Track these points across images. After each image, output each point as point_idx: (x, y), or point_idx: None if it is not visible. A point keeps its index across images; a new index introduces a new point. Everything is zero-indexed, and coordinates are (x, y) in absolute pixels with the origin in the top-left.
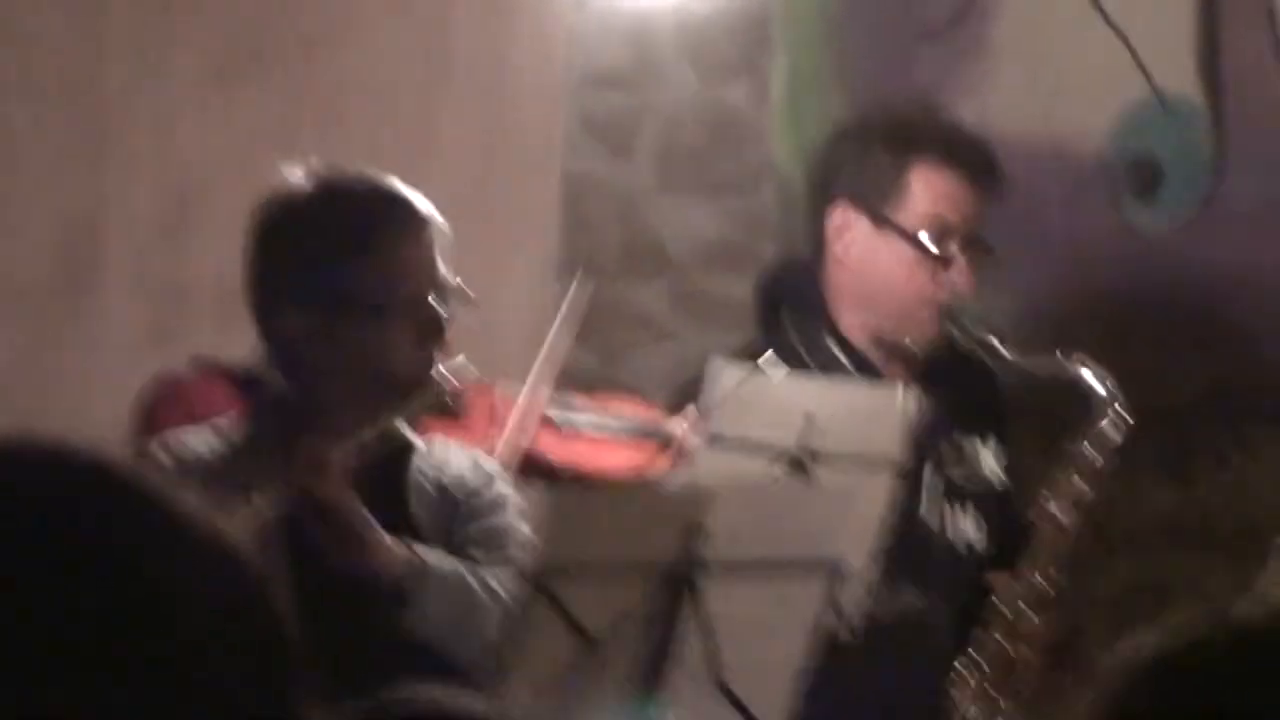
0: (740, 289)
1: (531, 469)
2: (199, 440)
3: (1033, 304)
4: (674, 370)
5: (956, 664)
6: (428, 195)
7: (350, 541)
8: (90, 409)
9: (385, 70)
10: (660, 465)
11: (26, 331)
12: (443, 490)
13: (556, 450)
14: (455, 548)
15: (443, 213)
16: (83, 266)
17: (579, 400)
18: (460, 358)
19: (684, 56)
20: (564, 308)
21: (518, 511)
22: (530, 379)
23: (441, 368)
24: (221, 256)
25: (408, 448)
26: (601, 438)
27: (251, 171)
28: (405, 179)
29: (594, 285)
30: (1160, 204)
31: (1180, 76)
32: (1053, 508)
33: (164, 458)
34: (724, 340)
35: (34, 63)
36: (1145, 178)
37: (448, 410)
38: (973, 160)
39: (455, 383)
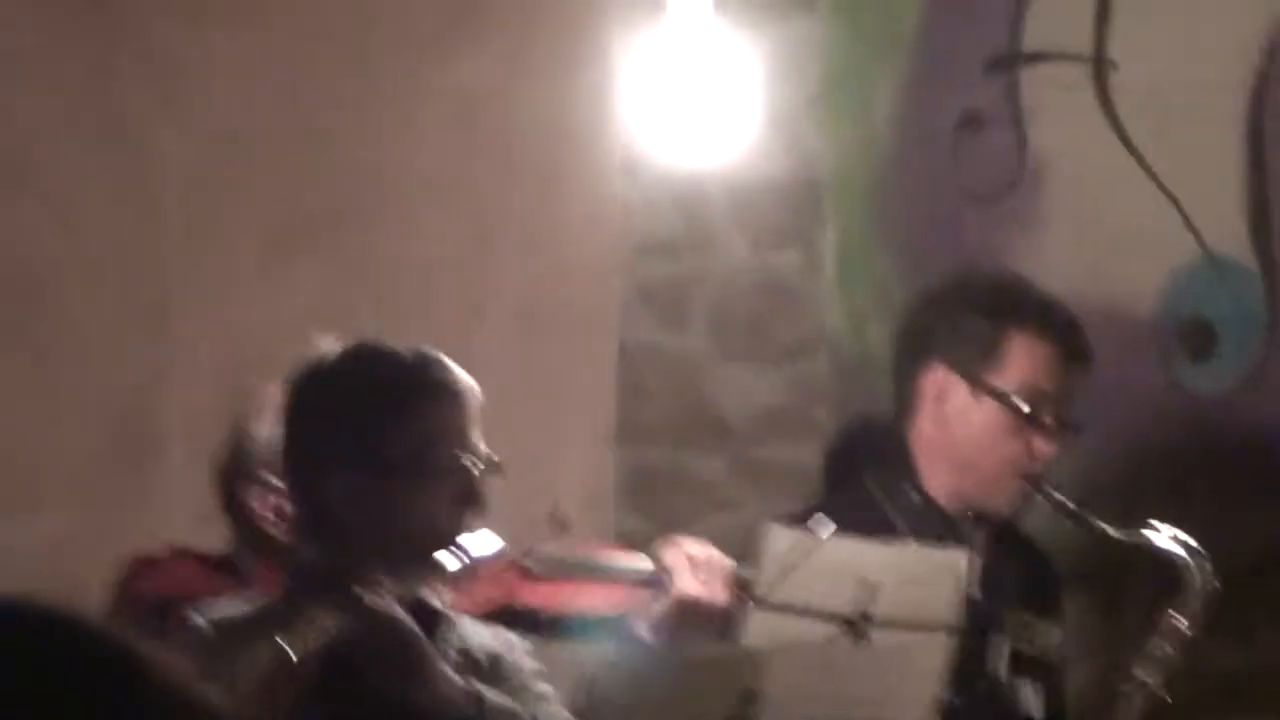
0: (797, 455)
1: (510, 616)
2: (230, 606)
3: (1089, 466)
4: (733, 538)
5: None
6: (481, 364)
7: (411, 665)
8: None
9: (438, 242)
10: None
11: (86, 505)
12: (467, 654)
13: (534, 596)
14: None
15: (496, 382)
16: (141, 440)
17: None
18: (483, 530)
19: (735, 225)
20: None
21: (537, 676)
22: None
23: (462, 539)
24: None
25: (436, 613)
26: (584, 581)
27: (307, 343)
28: (459, 348)
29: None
30: (1214, 364)
31: (1231, 237)
32: (1141, 674)
33: (203, 624)
34: (783, 507)
35: (89, 238)
36: (1198, 339)
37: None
38: (1066, 332)
39: (469, 556)
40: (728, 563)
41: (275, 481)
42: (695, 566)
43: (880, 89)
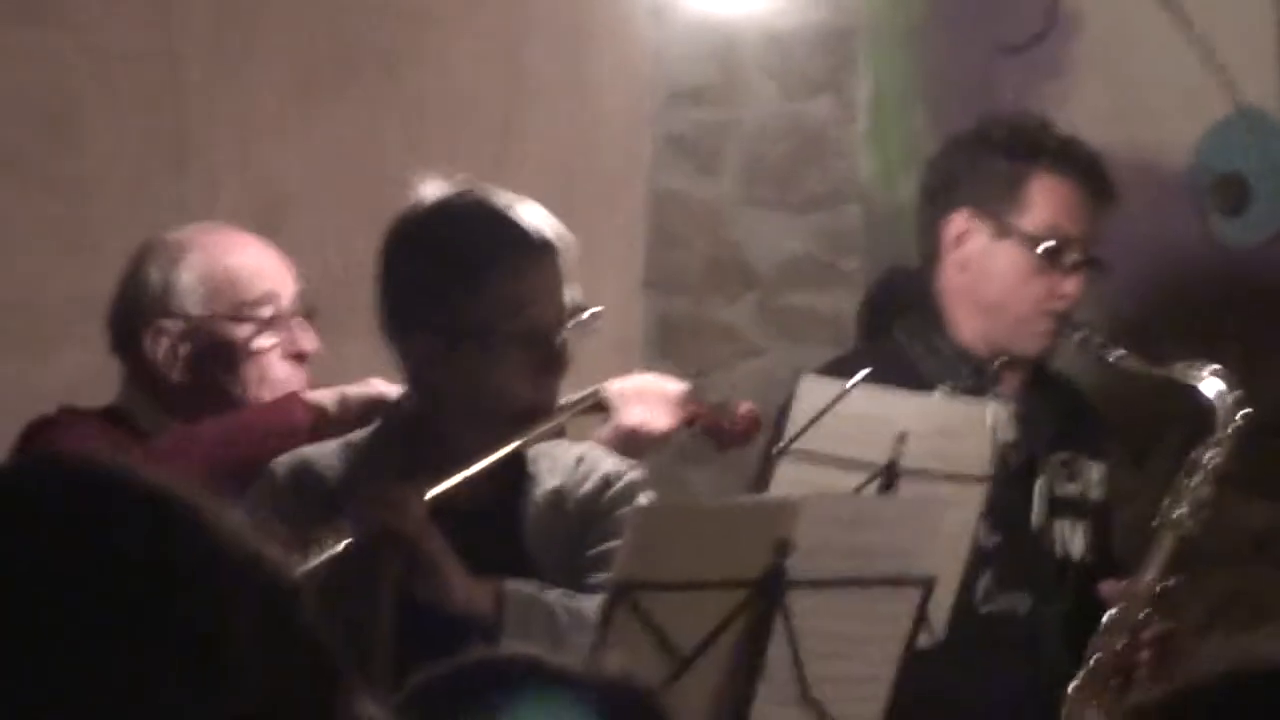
0: (826, 304)
1: None
2: (326, 457)
3: (1120, 317)
4: (760, 385)
5: (1075, 672)
6: None
7: (427, 577)
8: None
9: (466, 86)
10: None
11: (106, 344)
12: (571, 507)
13: None
14: (580, 571)
15: None
16: None
17: None
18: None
19: (769, 72)
20: None
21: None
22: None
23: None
24: (305, 269)
25: (529, 477)
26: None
27: (333, 185)
28: None
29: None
30: (1246, 218)
31: (1266, 91)
32: (1177, 513)
33: (286, 473)
34: (810, 355)
35: (114, 72)
36: (1231, 193)
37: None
38: (1089, 172)
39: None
40: (670, 389)
41: (169, 324)
42: (638, 397)
43: None
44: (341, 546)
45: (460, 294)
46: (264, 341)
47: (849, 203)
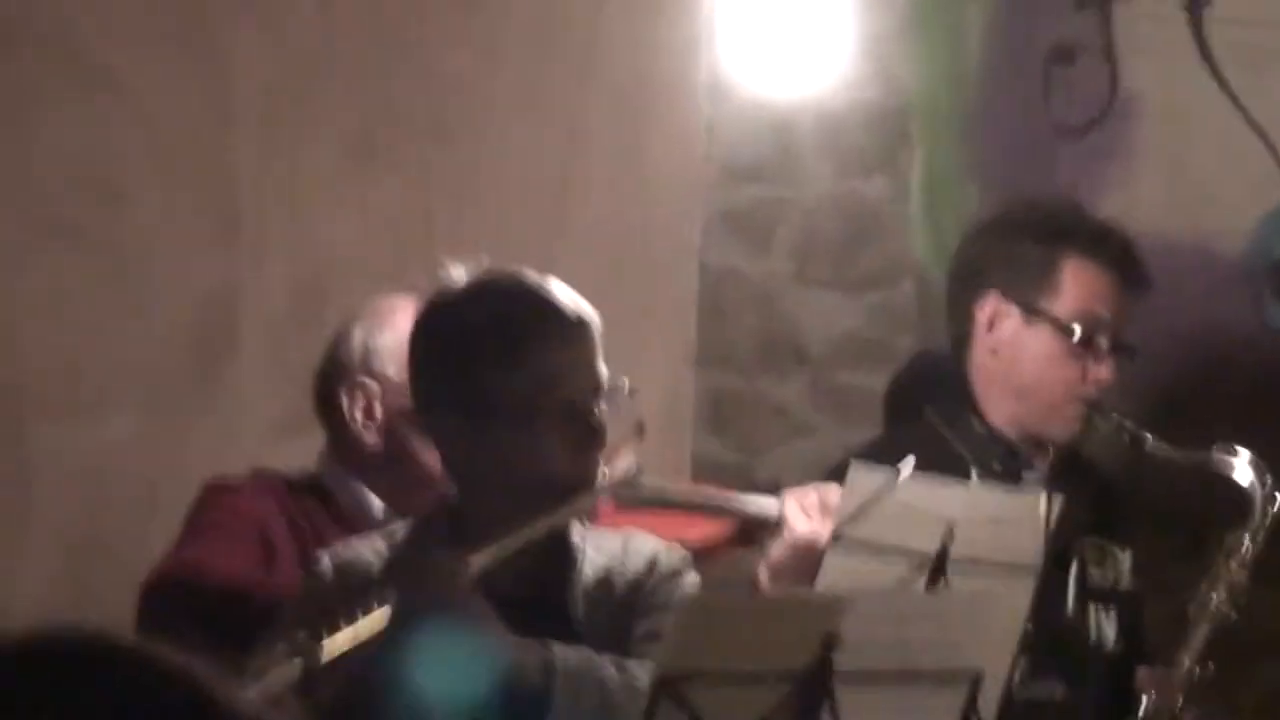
0: (878, 383)
1: None
2: (368, 549)
3: (1175, 404)
4: (812, 465)
5: None
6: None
7: (473, 643)
8: None
9: (520, 159)
10: (742, 544)
11: (158, 413)
12: (618, 588)
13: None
14: (631, 647)
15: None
16: (215, 349)
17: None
18: (630, 460)
19: (823, 151)
20: None
21: (666, 607)
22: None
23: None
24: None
25: (574, 558)
26: (677, 513)
27: (385, 255)
28: (540, 267)
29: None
30: None
31: None
32: (1213, 599)
33: (328, 568)
34: (862, 435)
35: (163, 142)
36: None
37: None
38: (1122, 258)
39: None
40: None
41: (369, 383)
42: (809, 509)
43: (971, 17)
44: (379, 614)
45: (493, 372)
46: None
47: (902, 282)
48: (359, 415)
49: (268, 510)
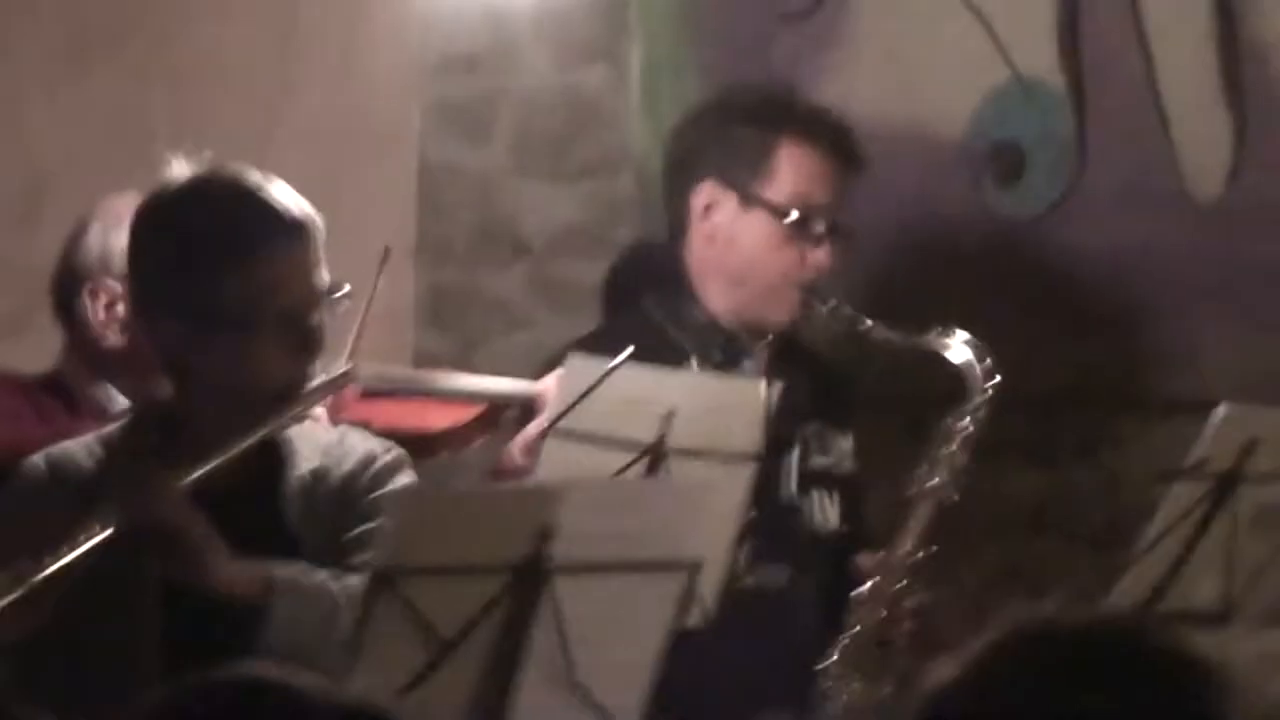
0: (597, 275)
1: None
2: (82, 450)
3: (894, 288)
4: (531, 356)
5: (835, 642)
6: (279, 178)
7: (188, 562)
8: None
9: (236, 52)
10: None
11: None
12: (332, 486)
13: (381, 416)
14: (343, 551)
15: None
16: None
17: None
18: (347, 362)
19: (541, 41)
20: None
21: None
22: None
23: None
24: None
25: (285, 458)
26: (433, 401)
27: (103, 155)
28: (255, 161)
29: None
30: (1023, 189)
31: (1041, 60)
32: (933, 481)
33: (42, 469)
34: (581, 326)
35: None
36: (1008, 163)
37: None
38: (837, 140)
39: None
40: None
41: (110, 283)
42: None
43: None
44: (103, 536)
45: (211, 279)
46: None
47: (621, 173)
48: (101, 315)
49: (13, 408)
